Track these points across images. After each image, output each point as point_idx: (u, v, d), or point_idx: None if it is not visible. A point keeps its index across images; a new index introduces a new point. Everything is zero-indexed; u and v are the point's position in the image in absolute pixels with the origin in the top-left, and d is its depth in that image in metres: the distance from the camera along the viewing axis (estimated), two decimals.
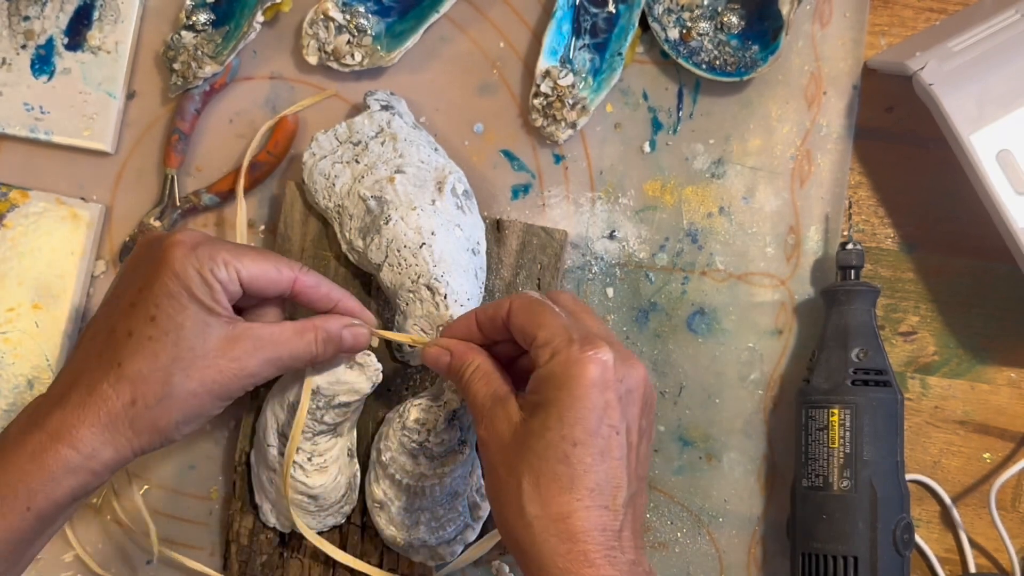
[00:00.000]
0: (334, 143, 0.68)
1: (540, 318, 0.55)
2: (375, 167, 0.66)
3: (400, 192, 0.64)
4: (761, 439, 0.70)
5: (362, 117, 0.68)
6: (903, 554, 0.64)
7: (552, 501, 0.51)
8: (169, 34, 0.71)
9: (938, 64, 0.63)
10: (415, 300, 0.63)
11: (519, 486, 0.52)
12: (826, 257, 0.71)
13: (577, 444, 0.51)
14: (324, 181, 0.66)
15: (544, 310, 0.55)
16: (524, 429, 0.53)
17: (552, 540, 0.50)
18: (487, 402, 0.56)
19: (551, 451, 0.51)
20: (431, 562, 0.67)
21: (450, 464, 0.64)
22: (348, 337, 0.61)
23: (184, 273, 0.55)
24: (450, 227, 0.64)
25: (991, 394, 0.70)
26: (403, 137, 0.67)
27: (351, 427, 0.67)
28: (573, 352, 0.52)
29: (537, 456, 0.52)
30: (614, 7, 0.70)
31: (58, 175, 0.72)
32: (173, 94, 0.71)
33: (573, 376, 0.52)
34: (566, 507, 0.51)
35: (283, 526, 0.68)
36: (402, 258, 0.63)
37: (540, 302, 0.56)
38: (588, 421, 0.51)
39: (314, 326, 0.59)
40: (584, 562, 0.50)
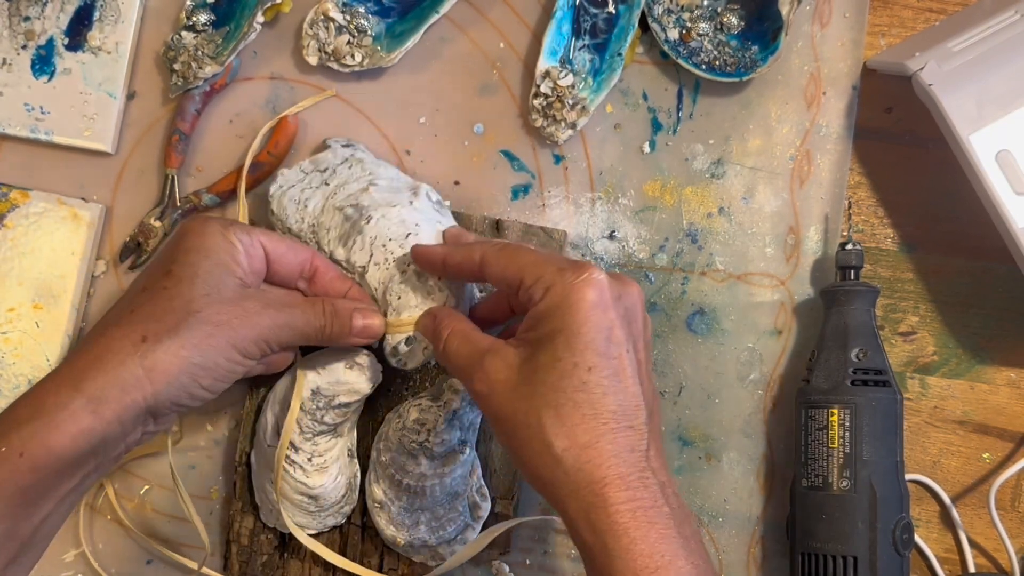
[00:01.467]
0: (300, 174, 0.67)
1: (520, 260, 0.54)
2: (347, 184, 0.65)
3: (376, 197, 0.64)
4: (760, 439, 0.70)
5: (325, 153, 0.68)
6: (902, 554, 0.64)
7: (578, 430, 0.50)
8: (169, 34, 0.71)
9: (937, 64, 0.63)
10: (407, 290, 0.61)
11: (540, 423, 0.50)
12: (826, 257, 0.71)
13: (592, 368, 0.50)
14: (295, 206, 0.65)
15: (521, 252, 0.55)
16: (530, 367, 0.52)
17: (586, 468, 0.49)
18: (474, 357, 0.54)
19: (567, 380, 0.50)
20: (431, 562, 0.67)
21: (450, 464, 0.64)
22: (359, 322, 0.60)
23: (205, 232, 0.57)
24: (432, 222, 0.64)
25: (990, 394, 0.70)
26: (369, 160, 0.68)
27: (351, 427, 0.68)
28: (567, 280, 0.51)
29: (552, 388, 0.50)
30: (614, 7, 0.70)
31: (59, 175, 0.72)
32: (173, 94, 0.71)
33: (573, 303, 0.51)
34: (593, 433, 0.50)
35: (283, 527, 0.68)
36: (388, 252, 0.62)
37: (515, 245, 0.56)
38: (597, 343, 0.50)
39: (324, 299, 0.60)
40: (621, 485, 0.49)
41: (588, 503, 0.49)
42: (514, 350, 0.53)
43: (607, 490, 0.49)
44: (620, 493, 0.49)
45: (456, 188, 0.72)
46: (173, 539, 0.71)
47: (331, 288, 0.62)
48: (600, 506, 0.49)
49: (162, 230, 0.71)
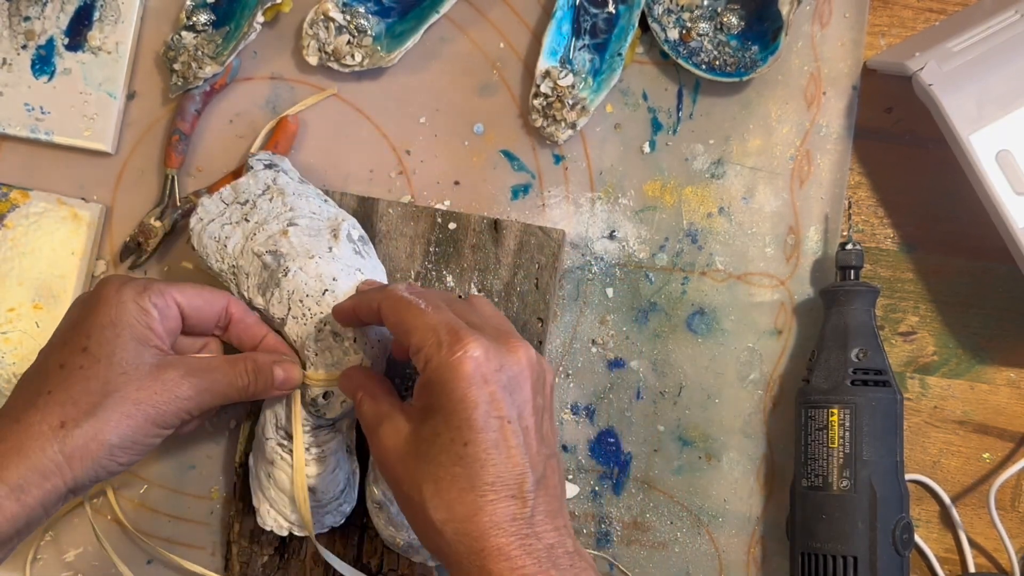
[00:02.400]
0: (220, 206, 0.66)
1: (408, 321, 0.54)
2: (266, 223, 0.65)
3: (295, 243, 0.63)
4: (760, 439, 0.70)
5: (246, 178, 0.67)
6: (902, 554, 0.64)
7: (455, 503, 0.51)
8: (169, 34, 0.71)
9: (937, 64, 0.63)
10: (324, 349, 0.62)
11: (421, 495, 0.51)
12: (825, 257, 0.71)
13: (468, 443, 0.51)
14: (215, 244, 0.65)
15: (410, 311, 0.55)
16: (416, 438, 0.53)
17: (465, 540, 0.50)
18: (374, 421, 0.56)
19: (445, 455, 0.51)
20: (431, 562, 0.67)
21: None
22: (279, 373, 0.61)
23: (118, 303, 0.56)
24: (350, 271, 0.64)
25: (990, 394, 0.70)
26: (291, 191, 0.66)
27: (351, 425, 0.67)
28: (443, 356, 0.52)
29: (432, 462, 0.51)
30: (614, 7, 0.70)
31: (59, 175, 0.72)
32: (173, 94, 0.71)
33: (448, 380, 0.51)
34: (471, 506, 0.50)
35: (279, 528, 0.68)
36: (306, 308, 0.63)
37: (406, 302, 0.55)
38: (474, 419, 0.51)
39: (244, 357, 0.60)
40: (499, 556, 0.49)
41: (470, 573, 0.50)
42: (405, 420, 0.54)
43: (486, 561, 0.50)
44: (500, 563, 0.49)
45: (456, 188, 0.72)
46: (173, 539, 0.71)
47: (246, 336, 0.62)
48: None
49: (162, 230, 0.71)
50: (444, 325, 0.53)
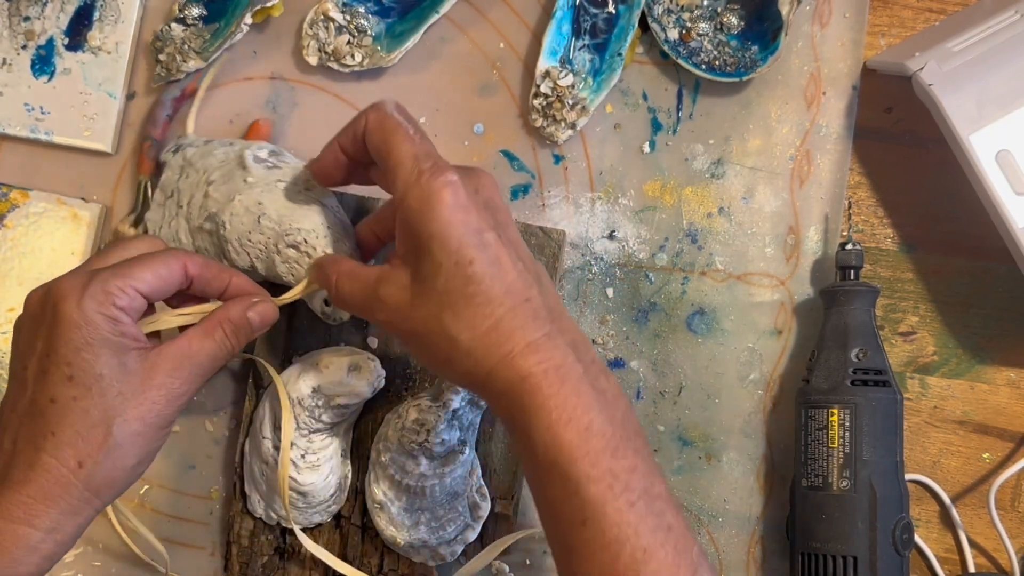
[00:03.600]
0: (160, 210, 0.67)
1: (394, 144, 0.55)
2: (193, 199, 0.65)
3: (218, 197, 0.64)
4: (760, 439, 0.70)
5: (164, 173, 0.68)
6: (902, 554, 0.64)
7: (476, 319, 0.51)
8: (160, 25, 0.71)
9: (937, 64, 0.63)
10: (292, 265, 0.62)
11: (442, 326, 0.52)
12: (825, 257, 0.71)
13: (472, 261, 0.52)
14: (171, 242, 0.65)
15: (397, 134, 0.55)
16: (419, 280, 0.53)
17: (494, 348, 0.51)
18: (367, 292, 0.56)
19: (453, 281, 0.52)
20: (431, 562, 0.67)
21: (450, 464, 0.64)
22: (255, 318, 0.59)
23: (86, 320, 0.53)
24: (272, 187, 0.63)
25: (990, 394, 0.70)
26: (199, 157, 0.66)
27: (348, 429, 0.68)
28: (423, 184, 0.52)
29: (443, 292, 0.52)
30: (614, 8, 0.70)
31: (59, 175, 0.72)
32: (156, 84, 0.71)
33: (433, 207, 0.52)
34: (492, 317, 0.51)
35: (269, 518, 0.68)
36: (255, 244, 0.62)
37: (394, 122, 0.55)
38: (468, 239, 0.52)
39: (218, 321, 0.58)
40: (529, 351, 0.51)
41: (505, 379, 0.51)
42: (401, 270, 0.54)
43: (517, 360, 0.51)
44: (530, 358, 0.51)
45: None
46: (173, 539, 0.71)
47: (211, 288, 0.60)
48: (515, 378, 0.51)
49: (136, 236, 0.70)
50: (426, 154, 0.54)
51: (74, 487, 0.53)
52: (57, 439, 0.53)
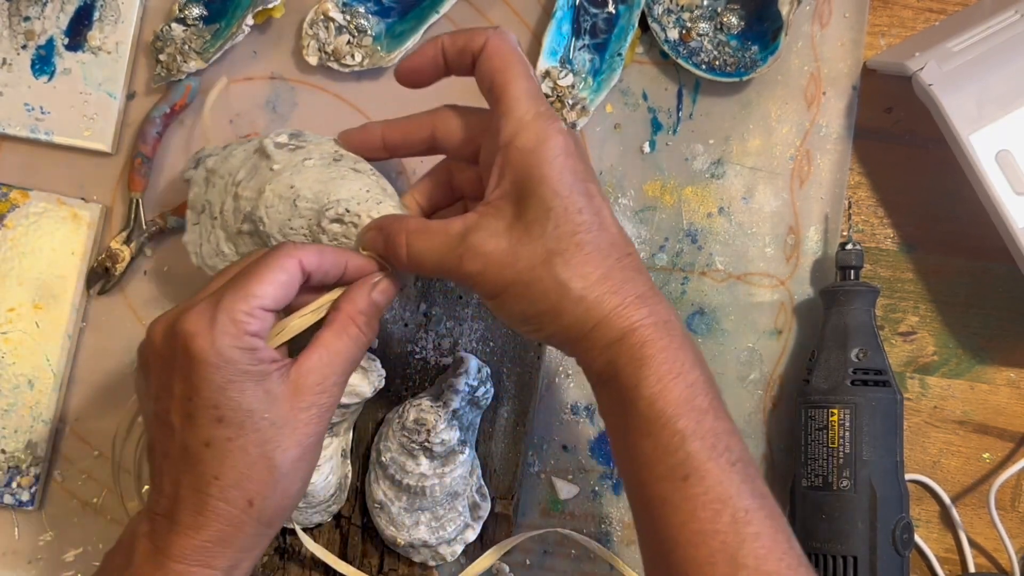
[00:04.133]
0: (195, 230, 0.63)
1: (510, 75, 0.53)
2: (224, 207, 0.62)
3: (248, 195, 0.60)
4: (761, 439, 0.70)
5: (191, 192, 0.64)
6: (902, 554, 0.64)
7: (589, 267, 0.51)
8: (161, 25, 0.71)
9: (937, 64, 0.63)
10: (340, 241, 0.58)
11: (552, 271, 0.51)
12: (825, 257, 0.71)
13: (581, 210, 0.51)
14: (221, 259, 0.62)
15: (517, 67, 0.54)
16: (521, 224, 0.51)
17: (607, 297, 0.51)
18: (451, 244, 0.53)
19: (564, 227, 0.51)
20: (431, 562, 0.67)
21: (450, 464, 0.64)
22: (380, 299, 0.56)
23: (223, 358, 0.50)
24: (298, 168, 0.60)
25: (990, 394, 0.70)
26: (219, 163, 0.63)
27: (348, 428, 0.68)
28: (539, 126, 0.52)
29: (553, 237, 0.51)
30: (614, 8, 0.70)
31: (58, 175, 0.72)
32: (156, 84, 0.71)
33: (548, 151, 0.51)
34: (604, 266, 0.51)
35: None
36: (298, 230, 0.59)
37: (517, 56, 0.54)
38: (577, 187, 0.52)
39: (349, 317, 0.54)
40: (639, 303, 0.51)
41: (616, 329, 0.51)
42: (496, 216, 0.52)
43: (629, 311, 0.51)
44: (641, 309, 0.51)
45: None
46: None
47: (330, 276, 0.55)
48: (627, 328, 0.51)
49: (129, 254, 0.70)
50: (542, 97, 0.53)
51: (247, 525, 0.51)
52: (222, 482, 0.50)
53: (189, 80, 0.70)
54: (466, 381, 0.64)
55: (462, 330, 0.68)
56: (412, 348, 0.68)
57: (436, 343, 0.68)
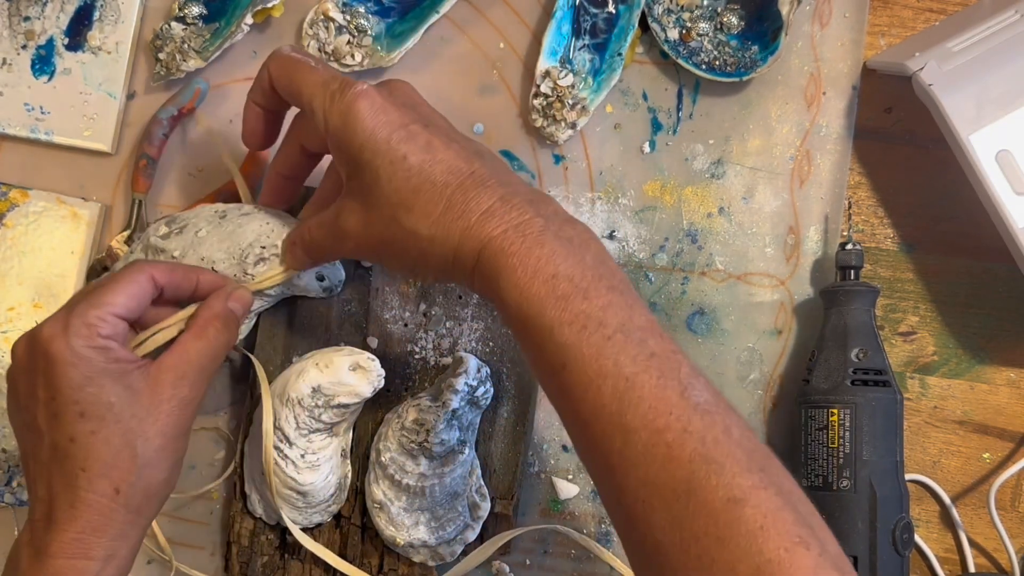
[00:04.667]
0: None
1: (299, 78, 0.56)
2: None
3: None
4: (761, 439, 0.70)
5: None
6: (902, 554, 0.64)
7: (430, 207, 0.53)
8: (160, 24, 0.71)
9: (937, 64, 0.63)
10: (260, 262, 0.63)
11: (401, 226, 0.53)
12: (825, 257, 0.71)
13: (406, 155, 0.53)
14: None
15: (299, 69, 0.57)
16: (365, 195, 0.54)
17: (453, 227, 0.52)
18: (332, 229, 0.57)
19: (395, 181, 0.53)
20: (431, 562, 0.67)
21: (449, 464, 0.64)
22: (237, 307, 0.61)
23: (78, 357, 0.54)
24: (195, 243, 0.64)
25: (990, 394, 0.70)
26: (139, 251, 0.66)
27: (347, 428, 0.68)
28: (337, 102, 0.54)
29: (391, 193, 0.53)
30: (614, 8, 0.70)
31: (58, 175, 0.72)
32: (155, 83, 0.71)
33: (353, 119, 0.53)
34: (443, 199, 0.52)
35: (269, 517, 0.68)
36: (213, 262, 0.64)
37: (295, 60, 0.57)
38: (394, 136, 0.53)
39: (206, 320, 0.59)
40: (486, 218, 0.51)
41: (469, 251, 0.52)
42: (351, 196, 0.56)
43: (475, 230, 0.52)
44: (487, 224, 0.51)
45: None
46: (173, 539, 0.71)
47: (182, 290, 0.60)
48: (477, 246, 0.51)
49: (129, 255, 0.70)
50: (331, 77, 0.55)
51: (117, 512, 0.55)
52: (89, 474, 0.54)
53: (198, 83, 0.70)
54: (465, 381, 0.64)
55: (462, 330, 0.68)
56: (412, 348, 0.68)
57: (436, 343, 0.68)
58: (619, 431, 0.47)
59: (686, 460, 0.46)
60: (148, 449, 0.55)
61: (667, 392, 0.47)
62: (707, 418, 0.47)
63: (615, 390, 0.47)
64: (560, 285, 0.49)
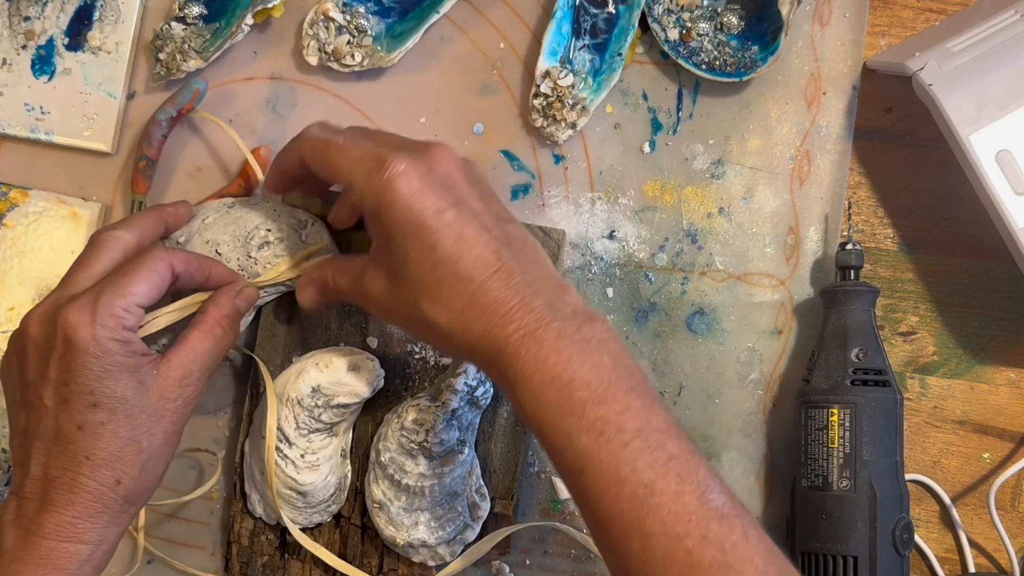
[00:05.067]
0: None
1: (332, 160, 0.57)
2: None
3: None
4: (760, 439, 0.70)
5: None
6: (902, 554, 0.64)
7: (452, 300, 0.53)
8: (160, 24, 0.71)
9: (937, 64, 0.63)
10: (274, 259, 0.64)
11: (421, 313, 0.54)
12: (825, 257, 0.71)
13: (435, 246, 0.53)
14: None
15: (330, 150, 0.57)
16: (391, 269, 0.55)
17: (473, 325, 0.53)
18: (356, 286, 0.58)
19: (421, 267, 0.53)
20: (431, 562, 0.67)
21: (449, 464, 0.64)
22: (242, 304, 0.62)
23: (102, 349, 0.55)
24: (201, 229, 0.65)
25: (990, 394, 0.70)
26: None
27: (347, 428, 0.68)
28: (374, 182, 0.54)
29: (416, 279, 0.54)
30: (614, 8, 0.70)
31: (58, 175, 0.72)
32: (155, 83, 0.71)
33: (388, 201, 0.53)
34: (466, 294, 0.53)
35: (269, 517, 0.68)
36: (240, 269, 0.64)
37: (324, 142, 0.57)
38: (428, 224, 0.53)
39: (214, 319, 0.60)
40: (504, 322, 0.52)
41: (487, 351, 0.52)
42: (378, 265, 0.56)
43: (494, 332, 0.52)
44: (506, 328, 0.52)
45: None
46: (173, 539, 0.71)
47: (196, 280, 0.61)
48: (496, 349, 0.52)
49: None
50: (366, 154, 0.55)
51: (114, 502, 0.56)
52: (92, 462, 0.55)
53: (197, 84, 0.70)
54: (465, 381, 0.64)
55: None
56: (412, 348, 0.68)
57: None
58: (637, 535, 0.48)
59: (706, 567, 0.47)
60: (152, 445, 0.57)
61: (686, 497, 0.48)
62: (725, 523, 0.48)
63: (634, 496, 0.48)
64: (577, 392, 0.50)
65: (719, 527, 0.48)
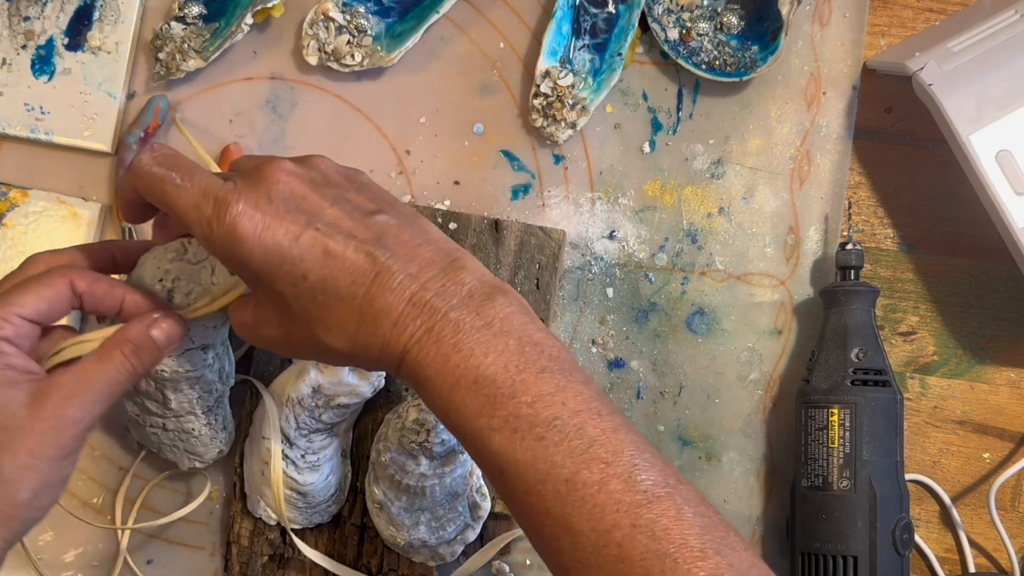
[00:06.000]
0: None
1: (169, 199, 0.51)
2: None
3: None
4: (760, 439, 0.70)
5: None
6: (902, 554, 0.64)
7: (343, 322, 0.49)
8: (160, 23, 0.71)
9: (937, 64, 0.63)
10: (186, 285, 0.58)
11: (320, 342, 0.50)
12: (825, 257, 0.71)
13: (305, 275, 0.49)
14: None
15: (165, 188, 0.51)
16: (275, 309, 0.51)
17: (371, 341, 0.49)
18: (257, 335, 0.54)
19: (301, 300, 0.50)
20: (431, 562, 0.67)
21: (450, 464, 0.64)
22: (160, 336, 0.55)
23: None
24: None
25: (990, 394, 0.70)
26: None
27: (348, 428, 0.68)
28: (216, 230, 0.50)
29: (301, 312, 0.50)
30: (614, 8, 0.70)
31: (58, 175, 0.72)
32: (155, 83, 0.71)
33: (239, 248, 0.49)
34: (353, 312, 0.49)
35: (269, 519, 0.68)
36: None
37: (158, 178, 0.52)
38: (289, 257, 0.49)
39: (116, 343, 0.54)
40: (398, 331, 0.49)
41: (393, 362, 0.49)
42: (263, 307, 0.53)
43: (392, 342, 0.49)
44: (402, 335, 0.48)
45: (456, 188, 0.72)
46: (173, 539, 0.71)
47: (104, 306, 0.56)
48: (399, 357, 0.49)
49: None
50: (203, 197, 0.50)
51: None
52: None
53: (157, 100, 0.70)
54: None
55: None
56: None
57: None
58: (566, 534, 0.46)
59: (638, 559, 0.44)
60: (11, 465, 0.50)
61: (611, 484, 0.45)
62: (656, 505, 0.45)
63: (556, 493, 0.46)
64: (483, 391, 0.47)
65: (649, 511, 0.45)
